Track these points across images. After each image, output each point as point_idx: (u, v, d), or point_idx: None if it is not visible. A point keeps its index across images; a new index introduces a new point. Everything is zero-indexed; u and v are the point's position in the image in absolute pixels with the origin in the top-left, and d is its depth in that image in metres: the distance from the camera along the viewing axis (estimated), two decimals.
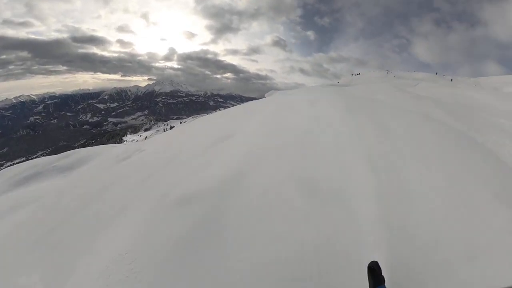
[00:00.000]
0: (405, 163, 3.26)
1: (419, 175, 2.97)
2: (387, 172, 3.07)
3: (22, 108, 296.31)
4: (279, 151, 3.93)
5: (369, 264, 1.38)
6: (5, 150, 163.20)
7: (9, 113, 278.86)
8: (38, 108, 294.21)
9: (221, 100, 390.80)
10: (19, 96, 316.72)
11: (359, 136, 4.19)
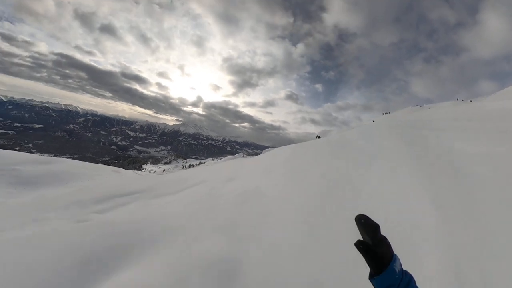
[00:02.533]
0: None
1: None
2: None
3: (67, 114, 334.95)
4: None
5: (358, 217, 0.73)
6: (40, 142, 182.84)
7: (56, 114, 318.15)
8: (79, 119, 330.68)
9: (237, 146, 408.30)
10: (68, 105, 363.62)
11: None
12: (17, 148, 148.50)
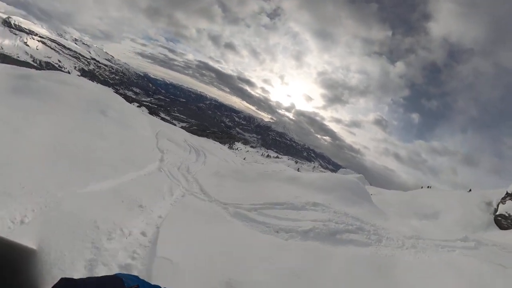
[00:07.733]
0: None
1: None
2: None
3: (200, 97, 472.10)
4: None
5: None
6: (181, 109, 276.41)
7: (193, 95, 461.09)
8: (206, 102, 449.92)
9: (313, 155, 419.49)
10: (202, 92, 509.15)
11: None
12: (168, 108, 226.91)
